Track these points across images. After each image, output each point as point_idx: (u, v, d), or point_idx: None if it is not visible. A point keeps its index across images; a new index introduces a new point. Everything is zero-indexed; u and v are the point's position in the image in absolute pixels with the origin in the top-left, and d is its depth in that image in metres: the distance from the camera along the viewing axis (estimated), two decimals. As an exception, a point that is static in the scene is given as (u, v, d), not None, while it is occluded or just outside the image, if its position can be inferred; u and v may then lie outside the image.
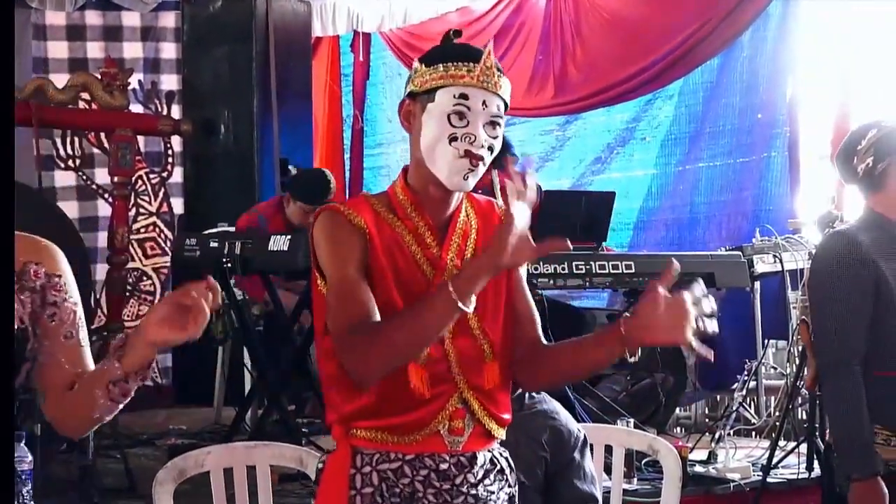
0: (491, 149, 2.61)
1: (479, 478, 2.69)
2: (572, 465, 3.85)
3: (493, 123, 2.62)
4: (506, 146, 5.68)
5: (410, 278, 2.62)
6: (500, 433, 2.74)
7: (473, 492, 2.67)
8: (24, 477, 2.36)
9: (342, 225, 2.61)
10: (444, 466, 2.65)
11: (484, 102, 2.60)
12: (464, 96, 2.59)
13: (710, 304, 2.49)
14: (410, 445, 2.63)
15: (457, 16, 9.40)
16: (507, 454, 2.80)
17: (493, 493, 2.71)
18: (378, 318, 2.52)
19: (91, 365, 2.42)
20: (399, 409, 2.61)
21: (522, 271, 2.78)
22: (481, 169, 2.60)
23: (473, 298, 2.44)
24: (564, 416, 3.98)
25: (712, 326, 2.47)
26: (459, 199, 2.72)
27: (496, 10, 9.22)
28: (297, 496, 4.71)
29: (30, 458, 2.38)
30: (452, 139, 2.58)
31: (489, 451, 2.73)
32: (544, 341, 2.77)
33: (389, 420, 2.62)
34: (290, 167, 7.71)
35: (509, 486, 2.78)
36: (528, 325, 2.77)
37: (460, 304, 2.41)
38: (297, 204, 6.74)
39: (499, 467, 2.75)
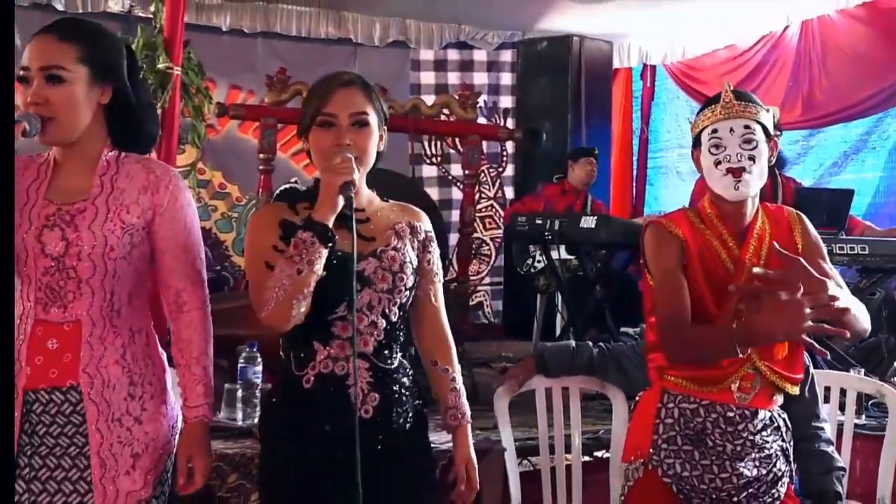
0: (752, 158, 2.57)
1: (758, 429, 2.64)
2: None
3: (747, 140, 2.58)
4: (781, 161, 5.50)
5: (716, 274, 2.59)
6: (794, 390, 2.66)
7: (752, 438, 2.63)
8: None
9: (664, 234, 2.63)
10: (730, 414, 2.62)
11: (731, 129, 2.59)
12: (714, 131, 2.61)
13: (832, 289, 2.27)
14: (706, 394, 2.62)
15: (725, 52, 9.05)
16: (785, 416, 2.72)
17: (767, 442, 2.65)
18: (688, 305, 2.49)
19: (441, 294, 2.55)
20: (703, 367, 2.60)
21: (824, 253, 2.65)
22: (750, 176, 2.57)
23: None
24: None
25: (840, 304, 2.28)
26: (755, 210, 2.66)
27: (756, 47, 8.82)
28: (595, 411, 4.66)
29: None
30: (717, 163, 2.60)
31: (770, 410, 2.67)
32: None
33: (693, 372, 2.62)
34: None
35: (783, 440, 2.69)
36: None
37: (738, 351, 2.35)
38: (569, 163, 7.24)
39: (776, 424, 2.68)
